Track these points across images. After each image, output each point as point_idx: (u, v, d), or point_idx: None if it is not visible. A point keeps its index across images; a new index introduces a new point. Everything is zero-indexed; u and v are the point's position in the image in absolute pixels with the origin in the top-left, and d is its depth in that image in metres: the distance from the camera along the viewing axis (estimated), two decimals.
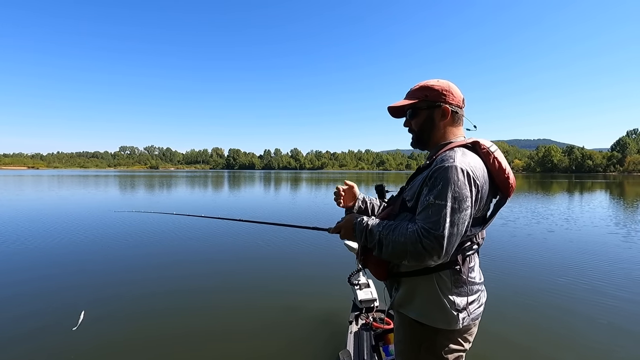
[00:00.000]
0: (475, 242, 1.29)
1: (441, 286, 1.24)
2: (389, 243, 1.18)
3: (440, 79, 1.36)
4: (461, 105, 1.36)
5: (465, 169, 1.14)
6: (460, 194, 1.11)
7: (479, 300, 1.32)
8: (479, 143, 1.27)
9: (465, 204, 1.12)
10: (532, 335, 3.21)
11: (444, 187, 1.12)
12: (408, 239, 1.13)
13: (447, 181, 1.12)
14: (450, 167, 1.13)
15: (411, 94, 1.38)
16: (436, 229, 1.10)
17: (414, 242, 1.12)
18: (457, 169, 1.13)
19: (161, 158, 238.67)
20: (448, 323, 1.23)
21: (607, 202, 16.39)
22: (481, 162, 1.23)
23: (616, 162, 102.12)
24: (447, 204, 1.11)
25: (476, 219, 1.24)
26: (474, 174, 1.15)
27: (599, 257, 5.99)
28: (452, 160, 1.15)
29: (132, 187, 25.46)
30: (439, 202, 1.11)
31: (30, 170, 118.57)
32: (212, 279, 4.86)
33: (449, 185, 1.12)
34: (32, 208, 12.47)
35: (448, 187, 1.12)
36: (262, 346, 3.06)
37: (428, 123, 1.34)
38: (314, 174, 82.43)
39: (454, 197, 1.11)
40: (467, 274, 1.27)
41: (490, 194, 1.26)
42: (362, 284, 3.04)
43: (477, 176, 1.16)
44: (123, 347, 3.01)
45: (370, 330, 2.53)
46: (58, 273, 5.04)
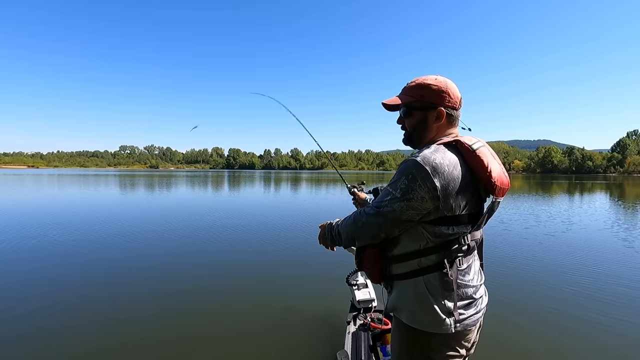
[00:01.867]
0: (464, 243, 1.22)
1: (430, 289, 1.20)
2: (343, 228, 1.35)
3: (438, 75, 1.30)
4: (457, 106, 1.30)
5: (423, 165, 1.12)
6: (408, 185, 1.14)
7: (475, 305, 1.25)
8: (460, 141, 1.21)
9: (410, 195, 1.14)
10: (531, 340, 3.18)
11: (397, 177, 1.18)
12: (354, 218, 1.30)
13: (401, 173, 1.17)
14: (410, 161, 1.17)
15: (406, 92, 1.32)
16: (377, 207, 1.22)
17: (357, 219, 1.28)
18: (415, 164, 1.14)
19: (161, 157, 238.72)
20: (439, 327, 1.19)
21: (608, 203, 16.38)
22: (456, 159, 1.17)
23: (616, 163, 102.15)
24: (392, 191, 1.18)
25: (457, 218, 1.19)
26: (434, 171, 1.12)
27: (599, 260, 5.97)
28: (416, 155, 1.17)
29: (131, 186, 25.45)
30: (388, 189, 1.21)
31: (30, 170, 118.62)
32: (209, 280, 4.84)
33: (401, 176, 1.17)
34: (24, 208, 12.45)
35: (399, 177, 1.17)
36: (259, 347, 3.03)
37: (421, 125, 1.30)
38: (314, 174, 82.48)
39: (401, 187, 1.16)
40: (457, 276, 1.21)
41: (469, 192, 1.19)
42: (360, 284, 3.02)
43: (438, 173, 1.12)
44: (120, 349, 2.98)
45: (368, 331, 2.50)
46: (56, 274, 5.02)
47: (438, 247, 1.20)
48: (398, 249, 1.26)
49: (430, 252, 1.20)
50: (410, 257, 1.23)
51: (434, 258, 1.21)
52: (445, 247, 1.20)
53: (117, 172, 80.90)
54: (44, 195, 17.74)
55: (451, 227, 1.20)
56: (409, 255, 1.23)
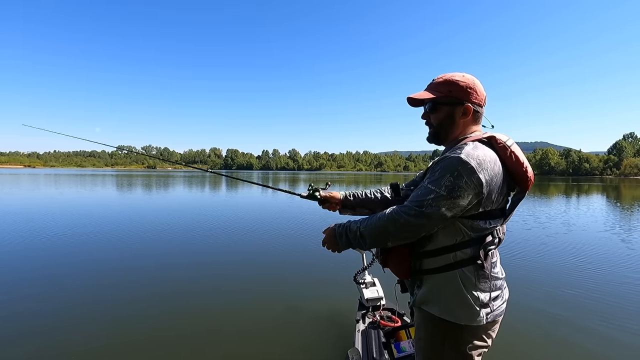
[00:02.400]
0: (496, 236, 1.28)
1: (465, 282, 1.22)
2: (371, 229, 1.23)
3: (465, 73, 1.33)
4: (483, 103, 1.34)
5: (468, 161, 1.13)
6: (454, 183, 1.12)
7: (502, 296, 1.30)
8: (494, 137, 1.25)
9: (456, 193, 1.12)
10: (528, 340, 3.21)
11: (440, 174, 1.15)
12: (387, 217, 1.19)
13: (445, 170, 1.14)
14: (454, 157, 1.15)
15: (434, 87, 1.33)
16: (418, 206, 1.15)
17: (394, 219, 1.18)
18: (460, 160, 1.13)
19: (159, 158, 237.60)
20: (471, 319, 1.22)
21: (605, 205, 16.48)
22: (495, 155, 1.21)
23: (613, 165, 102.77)
24: (436, 189, 1.13)
25: (494, 212, 1.24)
26: (478, 166, 1.13)
27: (598, 262, 6.01)
28: (459, 152, 1.16)
29: (128, 186, 25.35)
30: (430, 187, 1.15)
31: (26, 169, 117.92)
32: (217, 280, 4.84)
33: (445, 173, 1.14)
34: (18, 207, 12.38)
35: (444, 175, 1.14)
36: (269, 347, 3.03)
37: (448, 120, 1.31)
38: (312, 175, 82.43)
39: (446, 185, 1.12)
40: (490, 269, 1.25)
41: (505, 187, 1.25)
42: (367, 282, 3.03)
43: (482, 169, 1.14)
44: (125, 348, 2.98)
45: (378, 329, 2.52)
46: (51, 273, 5.00)
47: (473, 240, 1.23)
48: (432, 245, 1.26)
49: (466, 246, 1.22)
50: (445, 252, 1.24)
51: (469, 251, 1.23)
52: (481, 240, 1.23)
53: (114, 172, 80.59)
54: (39, 195, 17.64)
55: (488, 222, 1.23)
56: (444, 250, 1.24)
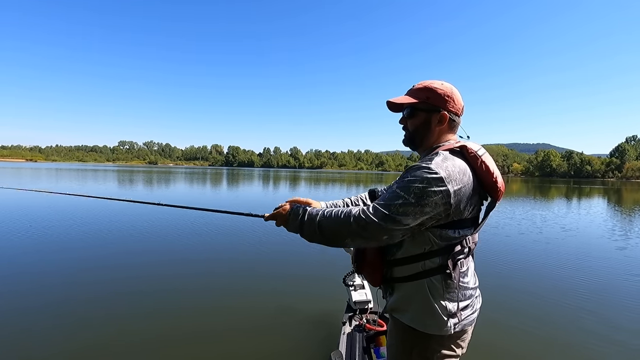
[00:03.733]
0: (466, 245, 1.27)
1: (432, 291, 1.22)
2: (331, 222, 1.20)
3: (445, 81, 1.34)
4: (460, 113, 1.35)
5: (438, 172, 1.14)
6: (422, 191, 1.12)
7: (472, 305, 1.30)
8: (466, 147, 1.26)
9: (423, 201, 1.12)
10: (525, 342, 3.19)
11: (409, 181, 1.15)
12: (353, 214, 1.16)
13: (414, 178, 1.15)
14: (423, 167, 1.16)
15: (413, 93, 1.35)
16: (385, 209, 1.13)
17: (359, 217, 1.15)
18: (429, 170, 1.14)
19: (160, 154, 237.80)
20: (439, 328, 1.22)
21: (606, 209, 16.43)
22: (465, 165, 1.22)
23: (615, 168, 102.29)
24: (404, 195, 1.13)
25: (463, 222, 1.23)
26: (448, 177, 1.15)
27: (596, 265, 5.98)
28: (429, 162, 1.17)
29: (130, 182, 25.41)
30: (398, 192, 1.15)
31: (28, 163, 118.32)
32: (203, 278, 4.83)
33: (415, 181, 1.14)
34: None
35: (412, 182, 1.14)
36: (254, 346, 3.03)
37: (424, 126, 1.33)
38: (312, 173, 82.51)
39: (414, 192, 1.12)
40: (459, 278, 1.25)
41: (477, 197, 1.25)
42: (357, 285, 3.01)
43: (452, 180, 1.15)
44: (113, 347, 2.97)
45: (363, 332, 2.50)
46: (44, 270, 5.00)
47: (442, 249, 1.23)
48: (401, 253, 1.27)
49: (434, 255, 1.23)
50: (414, 260, 1.24)
51: (437, 260, 1.23)
52: (449, 250, 1.24)
53: (115, 168, 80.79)
54: (40, 187, 17.66)
55: (457, 231, 1.23)
56: (413, 259, 1.25)
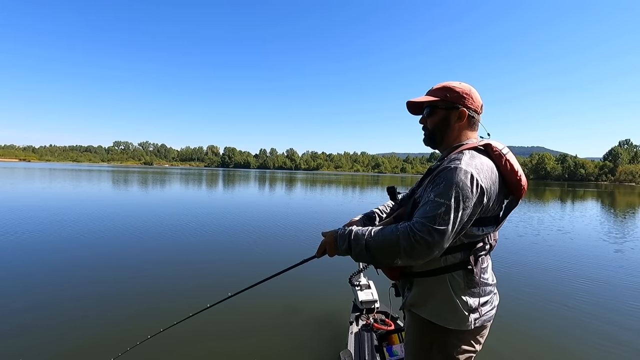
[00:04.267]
0: (487, 242, 1.31)
1: (454, 286, 1.25)
2: (379, 243, 1.16)
3: (462, 82, 1.39)
4: (479, 110, 1.39)
5: (470, 171, 1.15)
6: (461, 194, 1.13)
7: (491, 302, 1.33)
8: (491, 145, 1.29)
9: (465, 204, 1.13)
10: (525, 343, 3.23)
11: (445, 186, 1.15)
12: (400, 234, 1.13)
13: (449, 181, 1.15)
14: (455, 168, 1.16)
15: (432, 93, 1.40)
16: (431, 223, 1.11)
17: (407, 237, 1.11)
18: (461, 170, 1.15)
19: (155, 154, 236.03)
20: (459, 323, 1.24)
21: (601, 212, 16.60)
22: (492, 164, 1.25)
23: (608, 171, 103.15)
24: (445, 202, 1.12)
25: (487, 219, 1.26)
26: (479, 176, 1.16)
27: (593, 267, 6.05)
28: (458, 162, 1.18)
29: (124, 183, 25.24)
30: (438, 200, 1.13)
31: (21, 163, 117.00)
32: (208, 278, 4.83)
33: (451, 185, 1.14)
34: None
35: (450, 186, 1.14)
36: (263, 345, 3.04)
37: (443, 123, 1.36)
38: (309, 175, 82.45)
39: (454, 196, 1.12)
40: (480, 274, 1.27)
41: (501, 195, 1.28)
42: (362, 284, 3.04)
43: (481, 178, 1.17)
44: (117, 345, 2.97)
45: (371, 331, 2.53)
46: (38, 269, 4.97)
47: (464, 245, 1.25)
48: None
49: (456, 251, 1.24)
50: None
51: (459, 256, 1.25)
52: (472, 246, 1.26)
53: (110, 168, 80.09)
54: (33, 188, 17.52)
55: (481, 229, 1.25)
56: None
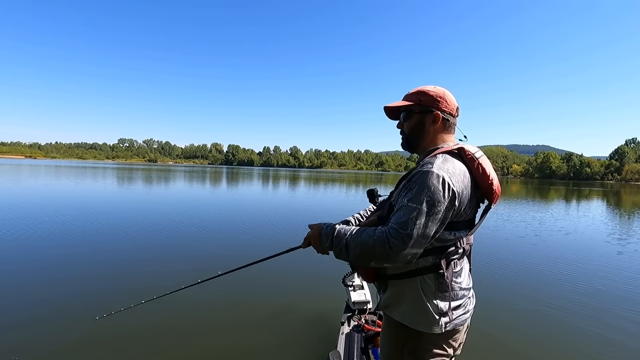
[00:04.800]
0: (460, 246, 1.29)
1: (425, 289, 1.25)
2: (357, 245, 1.19)
3: (437, 85, 1.39)
4: (454, 113, 1.39)
5: (441, 175, 1.16)
6: (433, 198, 1.13)
7: (464, 306, 1.32)
8: (464, 149, 1.29)
9: (436, 208, 1.14)
10: (522, 342, 3.20)
11: (417, 190, 1.16)
12: (376, 239, 1.15)
13: (421, 185, 1.16)
14: (427, 172, 1.17)
15: (407, 97, 1.41)
16: (404, 229, 1.12)
17: (382, 242, 1.14)
18: (433, 174, 1.16)
19: (160, 152, 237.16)
20: (430, 326, 1.24)
21: (605, 211, 16.46)
22: (464, 167, 1.25)
23: (614, 170, 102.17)
24: (417, 207, 1.13)
25: (460, 223, 1.26)
26: (450, 180, 1.17)
27: (597, 269, 6.00)
28: (430, 166, 1.19)
29: (128, 180, 25.39)
30: (410, 205, 1.15)
31: (27, 160, 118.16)
32: (201, 274, 4.83)
33: (423, 189, 1.15)
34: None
35: (421, 191, 1.15)
36: (252, 343, 3.04)
37: (419, 127, 1.38)
38: (312, 173, 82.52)
39: (426, 200, 1.13)
40: (452, 278, 1.27)
41: (474, 199, 1.28)
42: (356, 285, 3.03)
43: (453, 182, 1.18)
44: (113, 342, 2.98)
45: (361, 332, 2.51)
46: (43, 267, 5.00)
47: (435, 249, 1.25)
48: None
49: (427, 254, 1.24)
50: None
51: (430, 259, 1.26)
52: (443, 249, 1.26)
53: (114, 165, 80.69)
54: (37, 185, 17.67)
55: (453, 233, 1.26)
56: None
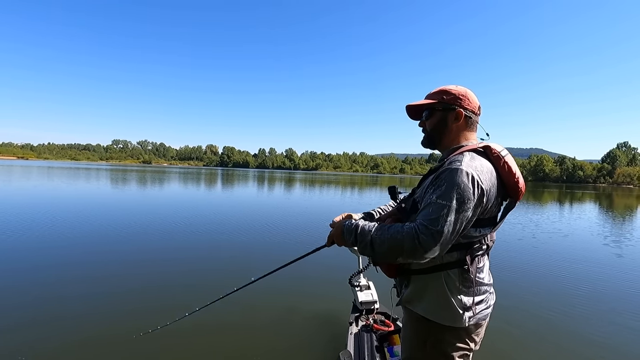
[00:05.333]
0: (484, 243, 1.33)
1: (449, 284, 1.28)
2: (384, 241, 1.19)
3: (459, 85, 1.42)
4: (476, 111, 1.41)
5: (471, 173, 1.17)
6: (462, 195, 1.15)
7: (486, 301, 1.35)
8: (490, 147, 1.31)
9: (466, 205, 1.15)
10: (524, 345, 3.23)
11: (447, 187, 1.16)
12: (405, 235, 1.15)
13: (451, 182, 1.16)
14: (456, 169, 1.18)
15: (429, 96, 1.44)
16: (434, 225, 1.13)
17: (411, 238, 1.14)
18: (462, 172, 1.17)
19: (154, 153, 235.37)
20: (454, 321, 1.27)
21: (599, 214, 16.64)
22: (490, 166, 1.27)
23: (606, 173, 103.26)
24: (447, 204, 1.14)
25: (485, 220, 1.28)
26: (479, 177, 1.18)
27: (594, 270, 6.06)
28: (459, 163, 1.20)
29: (123, 181, 25.17)
30: (440, 202, 1.15)
31: (19, 161, 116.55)
32: (212, 276, 4.82)
33: (453, 186, 1.16)
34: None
35: (451, 188, 1.16)
36: (262, 344, 3.05)
37: (441, 124, 1.40)
38: (308, 175, 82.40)
39: (456, 198, 1.14)
40: (475, 274, 1.30)
41: (499, 196, 1.30)
42: (362, 285, 3.04)
43: (482, 180, 1.19)
44: (119, 341, 2.97)
45: (370, 332, 2.53)
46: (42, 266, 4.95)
47: (461, 245, 1.27)
48: None
49: (453, 250, 1.25)
50: None
51: (455, 255, 1.27)
52: (468, 246, 1.28)
53: (108, 167, 79.89)
54: (26, 186, 17.46)
55: (478, 229, 1.27)
56: None
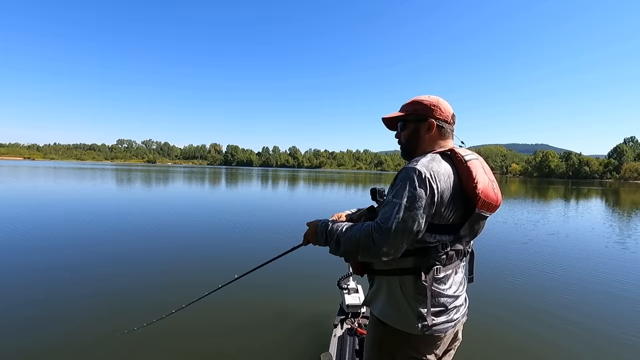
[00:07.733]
0: (442, 251, 1.25)
1: (404, 290, 1.26)
2: (346, 239, 1.23)
3: (431, 95, 1.41)
4: (449, 120, 1.39)
5: (424, 172, 1.17)
6: (414, 193, 1.15)
7: (447, 313, 1.28)
8: (454, 151, 1.28)
9: (417, 203, 1.15)
10: (523, 345, 3.19)
11: (401, 186, 1.19)
12: (362, 233, 1.19)
13: (404, 181, 1.19)
14: (411, 168, 1.20)
15: (402, 108, 1.44)
16: (385, 223, 1.15)
17: (367, 236, 1.17)
18: (416, 171, 1.18)
19: (159, 152, 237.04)
20: (405, 326, 1.25)
21: (605, 211, 16.48)
22: (450, 169, 1.23)
23: (613, 169, 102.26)
24: (399, 202, 1.16)
25: (441, 227, 1.23)
26: (432, 177, 1.17)
27: (599, 269, 5.99)
28: (415, 163, 1.21)
29: (127, 181, 25.35)
30: (394, 200, 1.17)
31: (26, 161, 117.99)
32: (194, 274, 4.81)
33: (405, 184, 1.17)
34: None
35: (404, 186, 1.18)
36: (243, 343, 3.04)
37: (414, 135, 1.40)
38: (311, 173, 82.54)
39: (407, 196, 1.16)
40: (431, 283, 1.24)
41: (459, 203, 1.24)
42: (351, 288, 3.01)
43: (436, 179, 1.18)
44: (108, 343, 2.96)
45: (354, 335, 2.50)
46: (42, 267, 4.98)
47: (416, 251, 1.25)
48: None
49: (408, 255, 1.24)
50: None
51: (411, 261, 1.26)
52: (424, 253, 1.25)
53: (113, 166, 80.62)
54: (17, 186, 17.63)
55: (433, 235, 1.24)
56: None
